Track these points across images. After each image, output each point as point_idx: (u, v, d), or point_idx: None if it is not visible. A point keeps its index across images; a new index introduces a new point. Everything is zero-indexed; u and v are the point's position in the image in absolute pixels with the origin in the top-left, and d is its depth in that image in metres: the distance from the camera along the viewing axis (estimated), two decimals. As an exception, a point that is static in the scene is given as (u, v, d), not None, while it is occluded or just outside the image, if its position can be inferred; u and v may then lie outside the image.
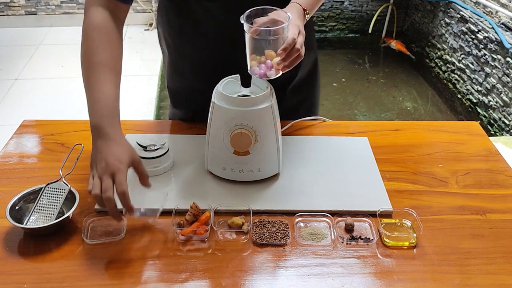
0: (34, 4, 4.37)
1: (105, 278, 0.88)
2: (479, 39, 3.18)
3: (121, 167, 0.89)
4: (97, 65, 0.98)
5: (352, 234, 0.98)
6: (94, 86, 0.98)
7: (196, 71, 1.26)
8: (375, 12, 4.35)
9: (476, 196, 1.10)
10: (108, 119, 0.95)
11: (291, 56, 0.98)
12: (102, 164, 0.89)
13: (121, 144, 0.92)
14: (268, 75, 1.01)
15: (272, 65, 1.00)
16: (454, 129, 1.36)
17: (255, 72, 1.01)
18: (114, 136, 0.93)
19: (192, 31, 1.20)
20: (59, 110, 3.15)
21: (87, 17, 1.02)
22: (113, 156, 0.90)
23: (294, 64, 1.00)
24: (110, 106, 0.96)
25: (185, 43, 1.23)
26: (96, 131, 0.94)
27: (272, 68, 1.00)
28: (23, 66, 3.73)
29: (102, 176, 0.88)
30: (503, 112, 2.94)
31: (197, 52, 1.22)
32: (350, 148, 1.24)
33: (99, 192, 0.87)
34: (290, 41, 0.97)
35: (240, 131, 1.02)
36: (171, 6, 1.19)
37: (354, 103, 3.51)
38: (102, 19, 1.02)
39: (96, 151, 0.92)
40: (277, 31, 0.97)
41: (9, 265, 0.90)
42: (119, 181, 0.87)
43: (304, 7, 1.09)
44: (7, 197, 0.98)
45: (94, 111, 0.96)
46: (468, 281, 0.88)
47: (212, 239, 0.96)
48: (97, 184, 0.88)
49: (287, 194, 1.07)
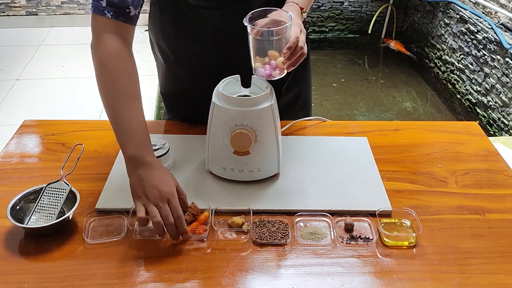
0: (35, 4, 4.38)
1: (105, 277, 0.88)
2: (479, 40, 3.18)
3: (173, 192, 0.94)
4: (122, 95, 0.99)
5: (352, 233, 0.98)
6: (123, 116, 0.98)
7: (193, 76, 1.26)
8: (375, 12, 4.36)
9: (475, 196, 1.10)
10: (146, 149, 0.97)
11: (296, 55, 0.99)
12: (154, 192, 0.92)
13: (162, 170, 0.97)
14: (273, 75, 1.01)
15: (276, 65, 1.00)
16: (454, 129, 1.36)
17: (261, 73, 1.02)
18: (155, 164, 0.96)
19: (188, 38, 1.19)
20: (60, 110, 3.16)
21: (101, 45, 1.00)
22: (162, 183, 0.94)
23: (298, 62, 1.01)
24: (144, 135, 0.98)
25: (181, 48, 1.22)
26: (135, 161, 0.96)
27: (277, 68, 1.00)
28: (24, 67, 3.73)
29: (158, 204, 0.91)
30: (502, 112, 2.95)
31: (194, 57, 1.22)
32: (349, 148, 1.24)
33: (160, 220, 0.91)
34: (294, 40, 0.97)
35: (240, 131, 1.02)
36: (164, 14, 1.18)
37: (353, 103, 3.51)
38: (117, 46, 1.00)
39: (140, 179, 0.94)
40: (280, 31, 0.97)
41: (10, 265, 0.91)
42: (174, 207, 0.92)
43: (300, 6, 1.10)
44: (8, 197, 0.99)
45: (130, 142, 0.97)
46: (467, 281, 0.89)
47: (212, 238, 0.96)
48: (156, 212, 0.91)
49: (287, 194, 1.08)
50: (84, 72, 3.63)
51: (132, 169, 0.96)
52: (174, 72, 1.28)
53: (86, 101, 3.24)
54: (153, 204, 0.92)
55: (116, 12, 0.99)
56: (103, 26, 1.00)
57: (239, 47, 1.06)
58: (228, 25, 1.13)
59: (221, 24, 1.15)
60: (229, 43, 1.16)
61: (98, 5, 0.98)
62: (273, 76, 1.02)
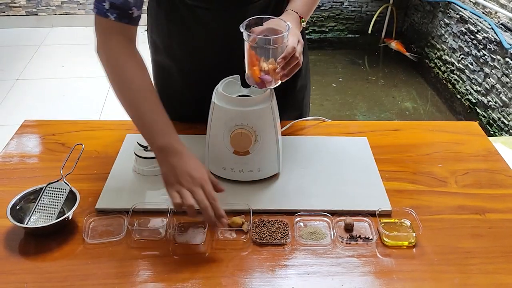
0: (35, 4, 4.38)
1: (105, 277, 0.88)
2: (479, 40, 3.18)
3: (206, 178, 0.94)
4: (138, 90, 0.99)
5: (352, 233, 0.98)
6: (144, 109, 0.99)
7: (185, 75, 1.25)
8: (375, 12, 4.35)
9: (475, 196, 1.10)
10: (174, 137, 0.97)
11: (290, 65, 0.99)
12: (187, 178, 0.92)
13: (193, 158, 0.97)
14: (266, 85, 1.01)
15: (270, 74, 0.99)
16: (454, 129, 1.36)
17: (253, 82, 1.01)
18: (184, 151, 0.96)
19: (181, 36, 1.19)
20: (60, 110, 3.16)
21: (107, 47, 1.00)
22: (194, 170, 0.94)
23: (292, 72, 1.01)
24: (168, 123, 0.99)
25: (173, 44, 1.22)
26: (166, 150, 0.96)
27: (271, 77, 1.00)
28: (24, 67, 3.73)
29: (191, 188, 0.92)
30: (502, 112, 2.95)
31: (186, 56, 1.22)
32: (349, 148, 1.24)
33: (193, 202, 0.91)
34: (290, 50, 0.97)
35: (240, 131, 1.02)
36: (160, 10, 1.18)
37: (353, 103, 3.51)
38: (123, 45, 1.01)
39: (172, 167, 0.94)
40: (277, 40, 0.97)
41: (10, 265, 0.91)
42: (208, 191, 0.92)
43: (300, 15, 1.09)
44: (8, 197, 0.99)
45: (156, 133, 0.97)
46: (467, 281, 0.89)
47: (212, 238, 0.96)
48: (189, 195, 0.91)
49: (287, 194, 1.08)
50: (84, 72, 3.63)
51: (162, 158, 0.96)
52: (166, 70, 1.28)
53: (86, 101, 3.25)
54: (187, 189, 0.92)
55: (119, 14, 0.98)
56: (107, 28, 1.00)
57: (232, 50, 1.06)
58: (220, 26, 1.13)
59: (215, 25, 1.15)
60: (221, 44, 1.16)
61: (100, 7, 0.98)
62: (265, 85, 1.01)
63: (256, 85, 1.02)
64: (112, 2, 0.97)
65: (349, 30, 4.53)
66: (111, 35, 1.00)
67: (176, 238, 0.96)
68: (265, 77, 1.00)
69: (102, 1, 0.97)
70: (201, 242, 0.95)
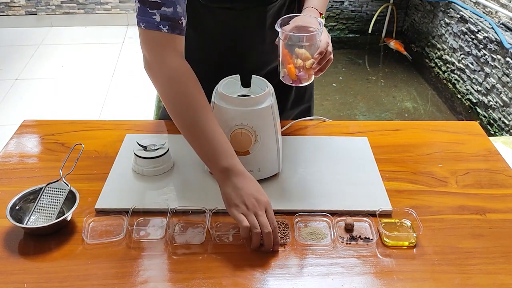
0: (34, 4, 4.37)
1: (105, 278, 0.88)
2: (479, 39, 3.18)
3: (269, 202, 0.94)
4: (200, 110, 0.97)
5: (352, 233, 0.98)
6: (207, 130, 0.96)
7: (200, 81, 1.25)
8: (375, 12, 4.35)
9: (475, 196, 1.10)
10: (235, 158, 0.96)
11: (325, 60, 0.99)
12: (253, 201, 0.92)
13: (254, 180, 0.96)
14: (301, 81, 1.02)
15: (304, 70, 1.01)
16: (454, 129, 1.36)
17: (289, 80, 1.03)
18: (246, 173, 0.96)
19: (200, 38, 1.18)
20: (59, 110, 3.16)
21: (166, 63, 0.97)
22: (258, 192, 0.94)
23: (326, 67, 1.02)
24: (229, 145, 0.98)
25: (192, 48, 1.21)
26: (229, 171, 0.94)
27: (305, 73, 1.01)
28: (23, 66, 3.73)
29: (257, 212, 0.91)
30: (503, 112, 2.94)
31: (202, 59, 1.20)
32: (350, 148, 1.24)
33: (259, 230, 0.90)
34: (325, 45, 0.98)
35: (240, 131, 1.02)
36: None
37: (354, 103, 3.51)
38: (181, 62, 0.98)
39: (236, 188, 0.93)
40: (311, 37, 0.98)
41: (10, 265, 0.90)
42: (271, 216, 0.92)
43: (320, 11, 1.10)
44: (8, 197, 0.99)
45: (220, 153, 0.96)
46: (467, 281, 0.89)
47: (212, 238, 0.96)
48: (257, 222, 0.91)
49: (287, 194, 1.07)
50: (84, 72, 3.63)
51: (224, 178, 0.95)
52: None
53: (85, 101, 3.24)
54: (253, 213, 0.91)
55: (171, 26, 0.95)
56: (161, 42, 0.96)
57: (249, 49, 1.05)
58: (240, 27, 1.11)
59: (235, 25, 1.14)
60: (231, 37, 1.15)
61: (151, 20, 0.94)
62: (301, 81, 1.02)
63: (292, 82, 1.03)
64: (163, 14, 0.94)
65: (349, 29, 4.53)
66: (164, 50, 0.96)
67: (175, 238, 0.96)
68: (300, 74, 1.01)
69: (151, 14, 0.94)
70: (200, 242, 0.95)
